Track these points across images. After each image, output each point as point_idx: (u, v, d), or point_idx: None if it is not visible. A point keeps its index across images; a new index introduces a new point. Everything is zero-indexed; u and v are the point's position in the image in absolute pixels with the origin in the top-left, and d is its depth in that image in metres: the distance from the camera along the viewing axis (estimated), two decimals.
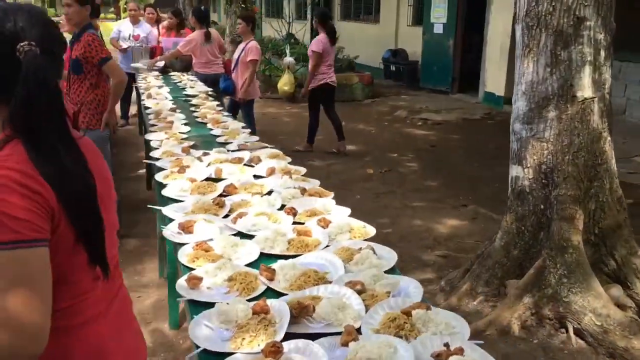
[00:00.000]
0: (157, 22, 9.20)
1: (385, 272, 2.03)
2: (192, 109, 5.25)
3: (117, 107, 5.58)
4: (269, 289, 1.93)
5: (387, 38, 14.14)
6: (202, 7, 8.20)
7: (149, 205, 2.80)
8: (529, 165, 3.38)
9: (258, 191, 2.83)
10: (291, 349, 1.54)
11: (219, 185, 2.90)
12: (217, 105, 5.41)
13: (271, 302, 1.76)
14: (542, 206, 3.35)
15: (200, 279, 1.95)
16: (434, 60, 12.13)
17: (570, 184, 3.22)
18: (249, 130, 4.37)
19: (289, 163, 3.44)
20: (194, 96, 5.88)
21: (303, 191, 2.82)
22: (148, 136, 4.14)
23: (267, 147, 3.85)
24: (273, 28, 15.19)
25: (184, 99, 5.79)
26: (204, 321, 1.70)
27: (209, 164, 3.31)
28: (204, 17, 7.44)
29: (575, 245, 3.13)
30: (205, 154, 3.52)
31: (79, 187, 1.16)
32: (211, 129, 4.42)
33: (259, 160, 3.39)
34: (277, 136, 8.25)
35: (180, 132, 4.23)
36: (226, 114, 5.07)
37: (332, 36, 7.23)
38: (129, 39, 8.34)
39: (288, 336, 1.62)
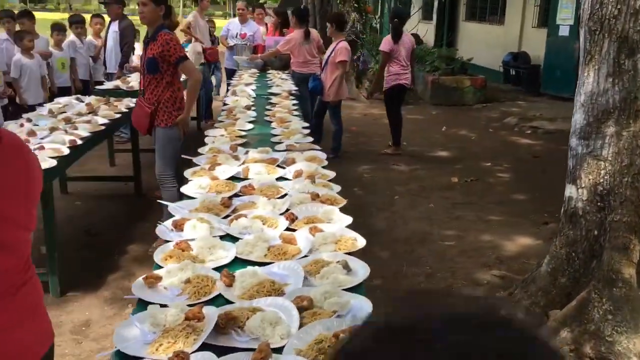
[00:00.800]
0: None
1: (351, 289, 1.92)
2: (268, 107, 5.33)
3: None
4: (220, 295, 1.89)
5: (510, 40, 13.43)
6: (303, 6, 8.29)
7: (158, 201, 2.87)
8: (583, 185, 3.02)
9: (272, 193, 2.79)
10: None
11: (239, 184, 2.92)
12: (294, 105, 5.44)
13: (207, 310, 1.73)
14: (595, 232, 2.98)
15: (159, 278, 1.96)
16: (558, 64, 11.30)
17: (627, 210, 2.83)
18: (307, 130, 4.34)
19: (323, 167, 3.36)
20: (277, 94, 5.97)
21: (315, 197, 2.74)
22: (208, 132, 4.26)
23: (315, 148, 3.80)
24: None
25: (266, 96, 5.90)
26: (135, 321, 1.70)
27: (243, 163, 3.33)
28: (304, 17, 7.54)
29: (626, 279, 2.75)
30: (246, 153, 3.56)
31: None
32: (274, 128, 4.46)
33: (292, 162, 3.36)
34: (372, 137, 8.18)
35: (240, 130, 4.31)
36: (296, 113, 5.08)
37: (394, 35, 7.01)
38: (236, 37, 8.66)
39: (207, 347, 1.58)
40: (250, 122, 4.66)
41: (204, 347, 1.57)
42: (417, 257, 4.38)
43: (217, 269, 2.06)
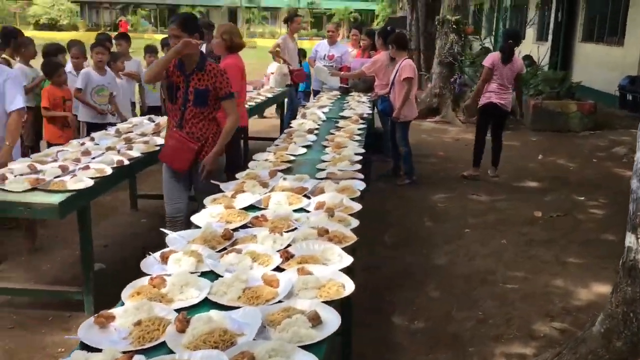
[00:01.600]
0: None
1: (311, 346, 1.69)
2: (333, 130, 5.17)
3: None
4: (164, 343, 1.73)
5: (628, 62, 12.32)
6: (389, 28, 8.06)
7: (160, 229, 2.78)
8: None
9: (282, 227, 2.61)
10: None
11: (251, 215, 2.77)
12: (360, 129, 5.23)
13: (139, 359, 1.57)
14: None
15: (111, 318, 1.84)
16: None
17: None
18: (359, 157, 4.12)
19: (349, 199, 3.11)
20: (346, 118, 5.80)
21: (324, 232, 2.52)
22: (256, 156, 4.16)
23: (356, 178, 3.58)
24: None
25: (335, 120, 5.74)
26: None
27: (271, 190, 3.19)
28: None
29: None
30: (284, 179, 3.41)
31: None
32: (326, 153, 4.29)
33: (321, 191, 3.16)
34: (458, 164, 7.74)
35: (290, 154, 4.18)
36: (358, 138, 4.87)
37: (503, 55, 6.61)
38: (324, 58, 8.62)
39: None
40: (305, 146, 4.53)
41: None
42: (473, 299, 3.98)
43: (183, 310, 1.91)
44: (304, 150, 4.39)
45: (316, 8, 46.31)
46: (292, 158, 4.11)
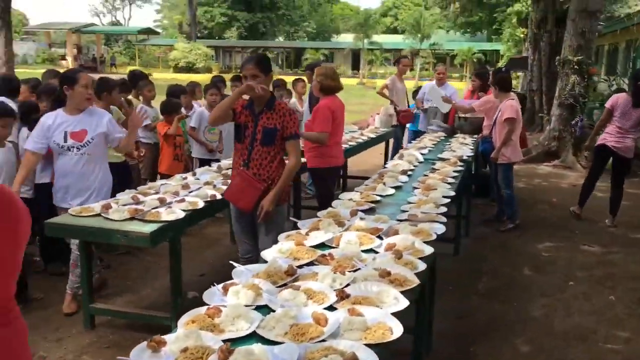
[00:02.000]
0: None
1: None
2: (426, 172, 5.11)
3: None
4: None
5: None
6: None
7: (230, 261, 2.89)
8: None
9: (345, 266, 2.62)
10: None
11: (319, 252, 2.81)
12: (456, 172, 5.12)
13: None
14: None
15: (163, 343, 1.95)
16: None
17: None
18: (447, 200, 4.04)
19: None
20: (444, 159, 5.70)
21: (385, 274, 2.49)
22: (342, 195, 4.21)
23: (438, 221, 3.50)
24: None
25: (433, 161, 5.67)
26: None
27: (345, 229, 3.22)
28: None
29: None
30: (361, 219, 3.43)
31: None
32: (414, 195, 4.24)
33: (394, 233, 3.13)
34: (565, 210, 7.29)
35: (376, 194, 4.18)
36: (452, 180, 4.76)
37: (635, 101, 6.21)
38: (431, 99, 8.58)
39: None
40: (395, 187, 4.51)
41: None
42: (565, 358, 3.71)
43: (230, 341, 1.98)
44: (392, 191, 4.37)
45: (439, 49, 46.19)
46: (378, 198, 4.11)
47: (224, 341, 1.96)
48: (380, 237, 3.10)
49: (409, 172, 5.09)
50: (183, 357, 1.85)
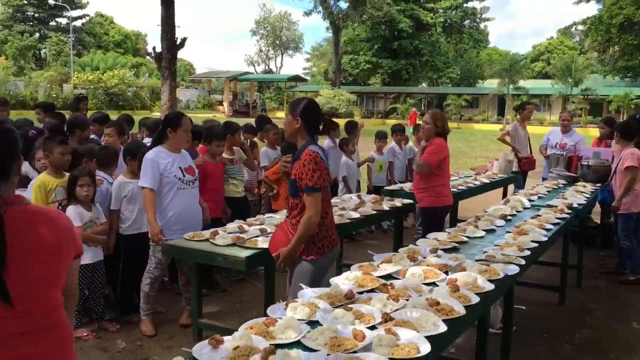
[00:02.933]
0: None
1: None
2: (527, 219, 5.10)
3: None
4: None
5: None
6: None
7: (300, 284, 3.21)
8: None
9: (402, 295, 2.85)
10: None
11: (381, 282, 3.06)
12: (558, 219, 5.05)
13: None
14: None
15: (221, 341, 2.33)
16: None
17: None
18: (534, 244, 4.06)
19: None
20: (552, 206, 5.63)
21: (434, 304, 2.69)
22: (430, 235, 4.39)
23: (514, 263, 3.58)
24: None
25: (539, 208, 5.62)
26: None
27: (416, 264, 3.43)
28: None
29: None
30: (437, 256, 3.62)
31: None
32: (503, 238, 4.31)
33: (462, 270, 3.29)
34: None
35: (463, 235, 4.32)
36: (550, 227, 4.73)
37: None
38: (556, 146, 8.40)
39: None
40: (488, 230, 4.60)
41: None
42: None
43: (278, 346, 2.31)
44: (483, 233, 4.47)
45: (592, 94, 43.72)
46: (465, 239, 4.25)
47: (271, 345, 2.30)
48: (446, 273, 3.28)
49: (509, 217, 5.13)
50: (234, 354, 2.21)
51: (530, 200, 5.94)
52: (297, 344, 2.35)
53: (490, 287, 3.08)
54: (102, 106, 34.70)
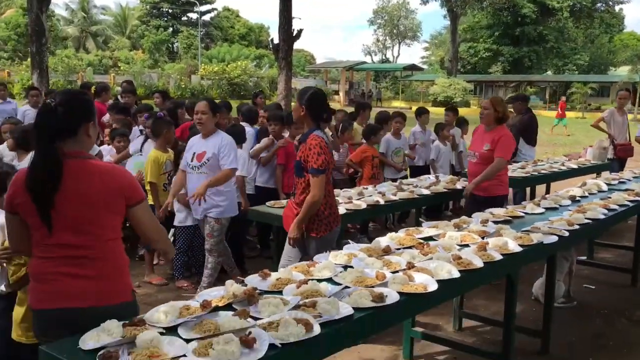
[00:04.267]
0: None
1: (364, 310, 2.45)
2: (596, 200, 5.21)
3: None
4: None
5: None
6: None
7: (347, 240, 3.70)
8: None
9: (432, 252, 3.27)
10: None
11: (420, 241, 3.50)
12: (629, 201, 5.13)
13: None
14: None
15: (269, 274, 2.91)
16: None
17: None
18: (585, 221, 4.25)
19: None
20: (624, 190, 5.64)
21: (456, 258, 3.09)
22: (488, 210, 4.69)
23: (555, 234, 3.83)
24: None
25: (614, 191, 5.67)
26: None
27: (458, 229, 3.82)
28: None
29: None
30: (483, 225, 3.98)
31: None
32: (560, 215, 4.52)
33: (498, 236, 3.63)
34: None
35: (522, 211, 4.59)
36: (615, 207, 4.84)
37: None
38: None
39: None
40: (550, 207, 4.80)
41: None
42: None
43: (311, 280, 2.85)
44: (542, 210, 4.68)
45: None
46: (521, 214, 4.51)
47: (307, 280, 2.85)
48: (483, 239, 3.64)
49: (578, 198, 5.26)
50: (276, 282, 2.79)
51: (609, 185, 5.97)
52: (329, 280, 2.88)
53: (517, 249, 3.41)
54: (225, 95, 36.81)
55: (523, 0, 47.97)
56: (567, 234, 3.94)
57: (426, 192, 5.58)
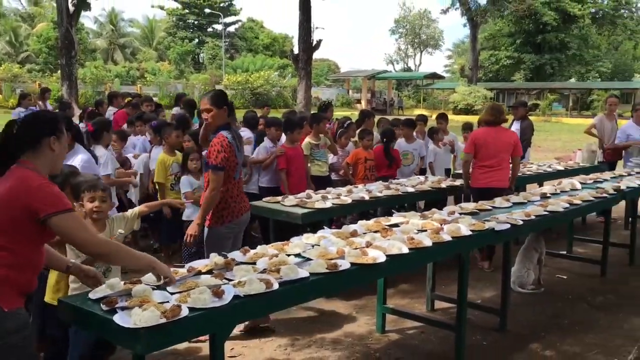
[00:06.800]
0: None
1: (318, 275, 3.04)
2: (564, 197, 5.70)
3: None
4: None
5: None
6: None
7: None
8: None
9: (390, 234, 3.84)
10: None
11: (391, 229, 4.07)
12: (595, 197, 5.62)
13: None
14: None
15: (248, 250, 3.51)
16: None
17: None
18: (544, 213, 4.77)
19: None
20: (600, 189, 6.10)
21: (410, 239, 3.66)
22: (461, 204, 5.23)
23: (510, 223, 4.36)
24: None
25: (588, 189, 6.14)
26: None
27: (421, 218, 4.37)
28: None
29: None
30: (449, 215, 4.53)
31: None
32: (524, 209, 5.04)
33: (455, 222, 4.18)
34: None
35: (490, 205, 5.12)
36: (579, 202, 5.33)
37: None
38: None
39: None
40: (518, 202, 5.32)
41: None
42: None
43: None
44: (509, 204, 5.20)
45: None
46: (489, 208, 5.03)
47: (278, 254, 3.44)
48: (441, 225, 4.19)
49: (549, 195, 5.76)
50: (252, 256, 3.39)
51: (584, 184, 6.44)
52: (298, 256, 3.46)
53: (467, 233, 3.96)
54: (248, 105, 37.72)
55: (544, 9, 48.04)
56: (521, 222, 4.46)
57: (411, 189, 6.13)
